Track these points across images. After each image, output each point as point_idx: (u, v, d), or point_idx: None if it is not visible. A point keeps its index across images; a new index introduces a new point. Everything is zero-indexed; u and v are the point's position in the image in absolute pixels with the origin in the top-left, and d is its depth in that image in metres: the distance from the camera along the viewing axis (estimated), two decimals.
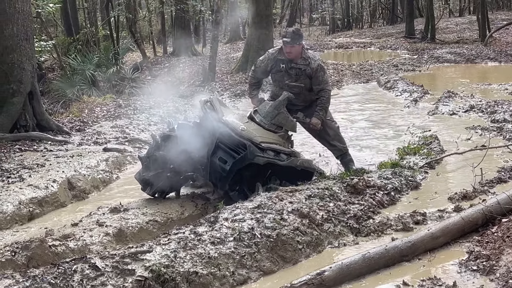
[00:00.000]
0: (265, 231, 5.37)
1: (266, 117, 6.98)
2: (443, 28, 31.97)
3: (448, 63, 20.39)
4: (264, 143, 6.65)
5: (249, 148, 6.49)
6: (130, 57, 25.98)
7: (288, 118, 7.04)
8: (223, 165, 6.54)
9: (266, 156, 6.60)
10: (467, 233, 5.46)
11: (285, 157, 6.75)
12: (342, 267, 4.79)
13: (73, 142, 10.18)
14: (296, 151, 7.10)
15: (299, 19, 50.40)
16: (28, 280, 4.31)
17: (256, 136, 6.66)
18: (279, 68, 7.36)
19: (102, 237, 5.79)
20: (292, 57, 7.26)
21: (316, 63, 7.33)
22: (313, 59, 7.36)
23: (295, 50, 7.23)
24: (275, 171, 6.77)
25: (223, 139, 6.59)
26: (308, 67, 7.27)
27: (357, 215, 6.03)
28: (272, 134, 6.87)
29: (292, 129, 7.14)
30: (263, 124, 6.93)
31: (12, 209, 6.92)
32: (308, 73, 7.28)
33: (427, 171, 7.58)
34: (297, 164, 6.86)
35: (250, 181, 6.69)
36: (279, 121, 6.97)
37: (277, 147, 6.73)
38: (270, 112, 6.98)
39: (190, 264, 4.78)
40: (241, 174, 6.63)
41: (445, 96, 12.72)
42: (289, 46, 7.20)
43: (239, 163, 6.51)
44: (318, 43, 31.01)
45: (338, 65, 20.42)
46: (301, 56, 7.30)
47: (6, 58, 10.44)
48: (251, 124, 6.91)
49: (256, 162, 6.55)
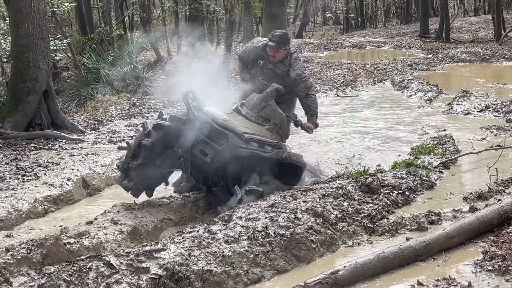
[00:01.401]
0: (279, 230, 5.36)
1: (253, 109, 6.68)
2: (457, 28, 31.80)
3: (463, 62, 20.30)
4: (247, 134, 6.33)
5: (231, 139, 6.19)
6: (144, 56, 26.02)
7: (276, 111, 6.72)
8: (204, 158, 6.23)
9: (250, 148, 6.28)
10: (482, 233, 5.42)
11: (269, 148, 6.42)
12: (356, 266, 4.77)
13: (87, 141, 10.24)
14: (283, 144, 6.75)
15: (312, 18, 50.33)
16: (44, 278, 4.33)
17: (238, 127, 6.33)
18: (257, 62, 7.23)
19: (117, 235, 5.81)
20: (275, 60, 7.12)
21: (294, 73, 7.13)
22: (293, 69, 7.14)
23: (280, 54, 7.08)
24: (261, 166, 6.47)
25: (203, 130, 6.25)
26: (286, 76, 7.13)
27: (371, 215, 6.01)
28: (258, 126, 6.57)
29: (280, 122, 6.78)
30: (249, 117, 6.63)
31: (27, 207, 6.98)
32: (286, 80, 7.12)
33: (442, 171, 7.55)
34: (282, 156, 6.49)
35: (235, 176, 6.41)
36: (266, 113, 6.67)
37: (261, 138, 6.41)
38: (257, 104, 6.68)
39: (204, 263, 4.78)
40: (224, 168, 6.32)
41: (460, 95, 12.65)
42: (273, 50, 7.05)
43: (220, 155, 6.22)
44: (332, 43, 30.92)
45: (352, 65, 20.35)
46: (281, 61, 7.14)
47: (22, 57, 10.51)
48: (234, 115, 6.58)
49: (239, 154, 6.25)
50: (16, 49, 10.58)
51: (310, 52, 26.31)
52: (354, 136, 10.35)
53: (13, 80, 10.82)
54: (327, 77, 17.79)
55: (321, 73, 18.58)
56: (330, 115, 12.34)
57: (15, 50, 10.69)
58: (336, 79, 17.33)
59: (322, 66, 20.10)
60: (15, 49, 10.74)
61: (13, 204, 6.92)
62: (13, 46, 10.87)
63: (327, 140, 10.04)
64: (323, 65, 20.39)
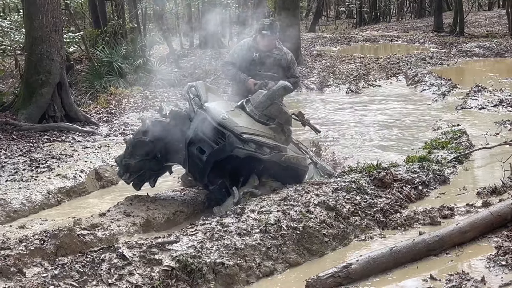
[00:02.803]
0: (291, 223, 5.35)
1: (257, 107, 6.38)
2: (471, 22, 31.62)
3: (476, 57, 20.19)
4: (246, 134, 6.06)
5: (228, 139, 5.99)
6: (157, 50, 26.05)
7: (281, 110, 6.44)
8: (201, 156, 6.08)
9: (247, 149, 6.04)
10: (495, 228, 5.39)
11: (268, 150, 6.15)
12: (369, 260, 4.75)
13: (100, 133, 10.28)
14: (282, 146, 6.37)
15: (325, 12, 50.17)
16: (57, 268, 4.35)
17: (237, 126, 6.07)
18: (252, 57, 7.15)
19: (130, 227, 5.83)
20: (266, 49, 7.10)
21: (289, 54, 7.29)
22: (286, 51, 7.26)
23: (272, 41, 7.09)
24: (260, 168, 6.32)
25: (202, 127, 6.09)
26: (283, 58, 7.19)
27: (384, 209, 5.99)
28: (260, 125, 6.29)
29: (286, 122, 6.48)
30: (253, 115, 6.35)
31: (40, 199, 7.02)
32: (282, 63, 7.18)
33: (455, 165, 7.51)
34: (281, 159, 6.26)
35: (233, 175, 6.26)
36: (271, 112, 6.38)
37: (260, 139, 6.12)
38: (263, 102, 6.38)
39: (216, 255, 4.78)
40: (221, 166, 6.18)
41: (474, 90, 12.59)
42: (269, 38, 7.02)
43: (217, 154, 6.05)
44: (345, 37, 30.84)
45: (365, 59, 20.28)
46: (275, 47, 7.16)
47: (36, 49, 10.56)
48: (236, 113, 6.32)
49: (236, 154, 6.05)
50: (30, 41, 10.63)
51: (323, 46, 26.26)
52: (366, 130, 10.31)
53: (26, 72, 10.88)
54: (340, 71, 17.74)
55: (334, 67, 18.52)
56: (343, 109, 12.31)
57: (29, 42, 10.74)
58: (349, 73, 17.28)
59: (335, 60, 20.04)
60: (28, 41, 10.79)
61: (27, 196, 6.97)
62: (27, 38, 10.92)
63: (340, 134, 10.01)
64: (336, 59, 20.33)
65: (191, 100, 6.33)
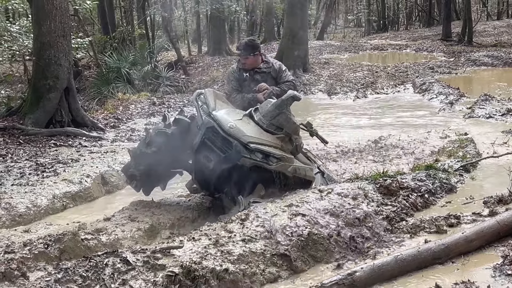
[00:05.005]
0: (296, 230, 5.32)
1: (265, 116, 6.32)
2: (480, 31, 31.52)
3: (485, 66, 20.11)
4: (252, 143, 6.02)
5: (235, 148, 5.97)
6: (165, 56, 26.13)
7: (290, 120, 6.35)
8: (207, 164, 6.09)
9: (253, 158, 6.00)
10: (502, 237, 5.33)
11: (274, 160, 6.07)
12: (374, 268, 4.72)
13: (107, 139, 10.30)
14: (289, 157, 6.28)
15: (334, 20, 50.19)
16: (60, 272, 4.34)
17: (244, 135, 6.03)
18: (243, 78, 7.34)
19: (134, 232, 5.83)
20: (248, 68, 7.30)
21: (277, 63, 7.48)
22: (273, 62, 7.49)
23: (250, 61, 7.28)
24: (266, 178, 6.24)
25: (209, 135, 6.08)
26: (271, 69, 7.37)
27: (389, 217, 5.94)
28: (268, 135, 6.22)
29: (294, 132, 6.41)
30: (262, 124, 6.29)
31: (46, 203, 7.04)
32: (272, 75, 7.37)
33: (462, 174, 7.45)
34: (288, 169, 6.20)
35: (239, 183, 6.20)
36: (279, 122, 6.30)
37: (266, 149, 6.06)
38: (271, 111, 6.31)
39: (220, 261, 4.76)
40: (228, 175, 6.15)
41: (481, 99, 12.53)
42: (243, 57, 7.28)
43: (223, 162, 6.04)
44: (353, 45, 30.80)
45: (373, 67, 20.24)
46: (262, 61, 7.38)
47: (44, 54, 10.60)
48: (244, 122, 6.27)
49: (242, 163, 6.02)
50: (38, 47, 10.68)
51: (331, 54, 26.23)
52: (373, 138, 10.27)
53: (34, 77, 10.93)
54: (348, 78, 17.72)
55: (342, 74, 18.50)
56: (348, 117, 12.29)
57: (37, 47, 10.79)
58: (357, 81, 17.26)
59: (342, 68, 20.02)
60: (36, 46, 10.84)
61: (32, 200, 6.99)
62: (35, 43, 10.97)
63: (346, 142, 9.98)
64: (343, 67, 20.31)
65: (199, 108, 6.31)
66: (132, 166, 6.63)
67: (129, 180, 6.75)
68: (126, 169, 6.73)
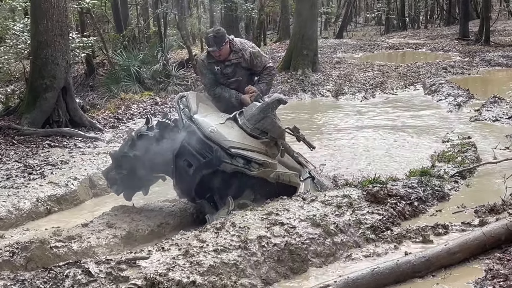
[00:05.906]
0: (273, 240, 5.12)
1: (250, 120, 6.18)
2: (500, 30, 31.00)
3: (499, 66, 19.67)
4: (234, 148, 5.88)
5: (216, 153, 5.83)
6: (179, 54, 26.01)
7: (275, 124, 6.21)
8: (188, 169, 5.94)
9: (234, 164, 5.86)
10: (488, 250, 5.10)
11: (256, 166, 5.92)
12: (348, 281, 4.52)
13: (103, 139, 10.18)
14: (272, 162, 6.13)
15: (355, 18, 49.80)
16: (16, 284, 4.18)
17: (226, 140, 5.90)
18: (215, 71, 6.95)
19: (110, 239, 5.68)
20: (223, 59, 6.89)
21: (247, 50, 6.96)
22: (244, 50, 6.95)
23: (224, 51, 6.81)
24: (250, 184, 6.09)
25: (189, 140, 5.94)
26: (242, 59, 6.92)
27: (374, 226, 5.72)
28: (252, 140, 6.08)
29: (279, 136, 6.28)
30: (245, 128, 6.15)
31: (29, 206, 6.90)
32: (243, 65, 6.94)
33: (458, 180, 7.20)
34: (270, 176, 6.05)
35: (222, 189, 6.07)
36: (264, 126, 6.16)
37: (248, 155, 5.91)
38: (255, 115, 6.17)
39: (188, 273, 4.57)
40: (210, 180, 6.02)
41: (490, 101, 12.20)
42: (217, 52, 6.76)
43: (203, 168, 5.90)
44: (369, 44, 30.45)
45: (384, 67, 19.90)
46: (231, 51, 6.89)
47: (41, 53, 10.51)
48: (227, 126, 6.14)
49: (223, 169, 5.88)
50: (35, 45, 10.59)
51: (345, 53, 25.93)
52: (375, 141, 10.05)
53: (31, 76, 10.85)
54: (357, 79, 17.44)
55: (351, 74, 18.23)
56: (351, 118, 12.08)
57: (34, 46, 10.71)
58: (366, 81, 16.97)
59: (353, 68, 19.74)
60: (34, 45, 10.76)
61: (15, 203, 6.86)
62: (32, 42, 10.90)
63: (346, 145, 9.78)
64: (354, 67, 20.03)
65: (180, 111, 6.17)
66: (113, 169, 6.47)
67: (110, 184, 6.61)
68: (107, 172, 6.59)
